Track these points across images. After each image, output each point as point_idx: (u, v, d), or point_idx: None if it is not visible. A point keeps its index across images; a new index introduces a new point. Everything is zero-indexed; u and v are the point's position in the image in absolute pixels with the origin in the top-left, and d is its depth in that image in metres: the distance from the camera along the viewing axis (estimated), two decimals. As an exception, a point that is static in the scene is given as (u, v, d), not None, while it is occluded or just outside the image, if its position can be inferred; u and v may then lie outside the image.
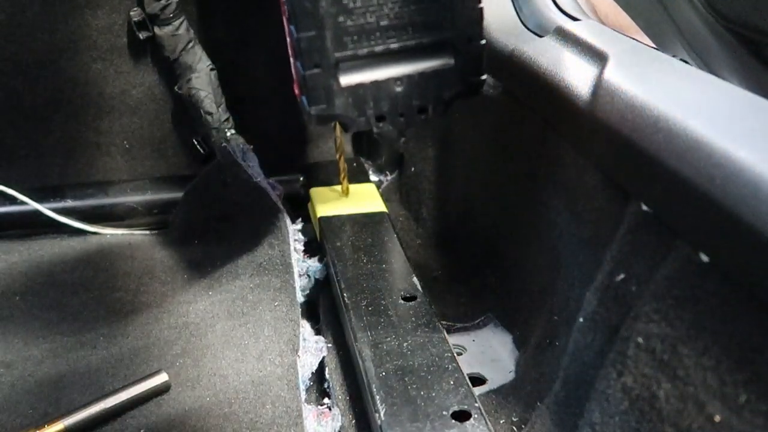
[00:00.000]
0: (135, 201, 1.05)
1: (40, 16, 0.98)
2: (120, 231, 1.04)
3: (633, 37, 0.69)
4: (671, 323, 0.48)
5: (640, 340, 0.50)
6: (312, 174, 1.08)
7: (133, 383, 0.72)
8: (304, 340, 0.78)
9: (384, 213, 0.93)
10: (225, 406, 0.70)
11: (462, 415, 0.59)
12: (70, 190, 1.05)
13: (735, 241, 0.43)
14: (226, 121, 1.02)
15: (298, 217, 0.96)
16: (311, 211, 0.98)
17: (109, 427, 0.69)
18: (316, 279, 0.89)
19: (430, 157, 1.02)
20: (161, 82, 1.04)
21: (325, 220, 0.91)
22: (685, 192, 0.47)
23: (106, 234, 1.03)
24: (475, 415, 0.59)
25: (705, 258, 0.46)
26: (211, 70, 1.01)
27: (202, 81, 1.00)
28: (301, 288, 0.86)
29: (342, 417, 0.69)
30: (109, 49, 1.01)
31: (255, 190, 0.95)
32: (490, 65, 0.74)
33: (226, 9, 1.03)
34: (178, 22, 0.98)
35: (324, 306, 0.85)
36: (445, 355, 0.66)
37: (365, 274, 0.79)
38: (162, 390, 0.72)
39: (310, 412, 0.69)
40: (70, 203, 1.04)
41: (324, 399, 0.73)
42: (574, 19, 0.76)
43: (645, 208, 0.53)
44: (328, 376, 0.74)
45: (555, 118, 0.69)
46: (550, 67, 0.68)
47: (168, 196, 1.06)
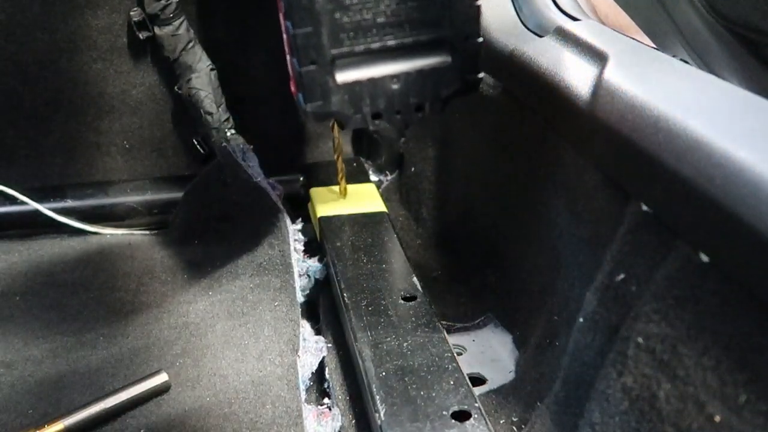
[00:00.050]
0: (135, 201, 1.05)
1: (40, 16, 0.98)
2: (120, 231, 1.04)
3: (633, 37, 0.69)
4: (671, 323, 0.48)
5: (640, 340, 0.50)
6: (312, 174, 1.08)
7: (133, 383, 0.72)
8: (304, 340, 0.78)
9: (384, 213, 0.93)
10: (225, 406, 0.70)
11: (462, 415, 0.59)
12: (70, 190, 1.05)
13: (735, 241, 0.43)
14: (226, 121, 1.02)
15: (298, 217, 0.96)
16: (311, 211, 0.98)
17: (109, 427, 0.69)
18: (316, 279, 0.89)
19: (430, 157, 1.02)
20: (161, 82, 1.04)
21: (325, 220, 0.91)
22: (685, 192, 0.47)
23: (106, 234, 1.03)
24: (475, 415, 0.59)
25: (705, 258, 0.46)
26: (211, 70, 1.01)
27: (202, 81, 1.00)
28: (301, 288, 0.86)
29: (342, 417, 0.69)
30: (109, 49, 1.01)
31: (255, 190, 0.95)
32: (490, 65, 0.75)
33: (226, 9, 1.03)
34: (178, 22, 0.98)
35: (324, 306, 0.85)
36: (445, 355, 0.66)
37: (365, 274, 0.79)
38: (162, 390, 0.72)
39: (310, 412, 0.69)
40: (70, 203, 1.04)
41: (324, 399, 0.73)
42: (574, 19, 0.76)
43: (645, 208, 0.53)
44: (328, 376, 0.74)
45: (555, 118, 0.69)
46: (550, 67, 0.68)
47: (168, 196, 1.06)
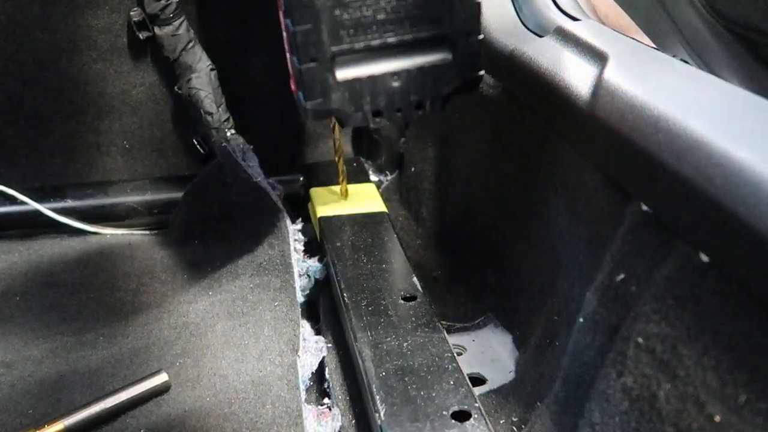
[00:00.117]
0: (135, 201, 1.05)
1: (40, 16, 0.98)
2: (120, 231, 1.04)
3: (633, 37, 0.69)
4: (671, 323, 0.48)
5: (640, 340, 0.50)
6: (312, 174, 1.08)
7: (133, 383, 0.72)
8: (304, 340, 0.78)
9: (384, 213, 0.93)
10: (225, 406, 0.70)
11: (462, 415, 0.59)
12: (70, 190, 1.05)
13: (735, 241, 0.43)
14: (226, 121, 1.02)
15: (298, 217, 0.96)
16: (311, 211, 0.98)
17: (109, 427, 0.69)
18: (316, 279, 0.89)
19: (430, 157, 1.02)
20: (161, 82, 1.04)
21: (325, 220, 0.91)
22: (685, 192, 0.47)
23: (106, 234, 1.03)
24: (475, 415, 0.59)
25: (705, 258, 0.46)
26: (211, 70, 1.01)
27: (202, 81, 1.00)
28: (301, 288, 0.86)
29: (342, 417, 0.69)
30: (109, 49, 1.01)
31: (255, 190, 0.95)
32: (490, 65, 0.74)
33: (226, 9, 1.03)
34: (178, 22, 0.98)
35: (324, 306, 0.85)
36: (445, 355, 0.66)
37: (365, 274, 0.79)
38: (162, 390, 0.72)
39: (310, 412, 0.69)
40: (70, 203, 1.04)
41: (324, 399, 0.73)
42: (574, 19, 0.76)
43: (645, 208, 0.53)
44: (328, 376, 0.74)
45: (555, 118, 0.69)
46: (550, 67, 0.68)
47: (168, 196, 1.06)
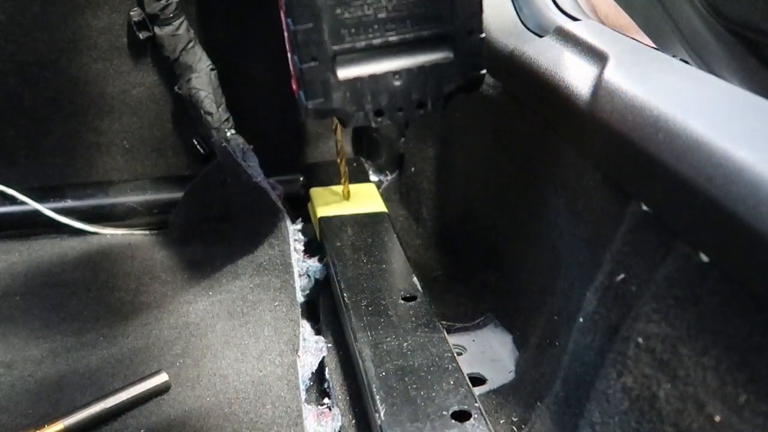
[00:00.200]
0: (135, 201, 1.05)
1: (40, 16, 0.98)
2: (120, 231, 1.04)
3: (633, 37, 0.69)
4: (671, 323, 0.48)
5: (640, 340, 0.50)
6: (312, 174, 1.08)
7: (133, 383, 0.72)
8: (304, 340, 0.77)
9: (384, 213, 0.93)
10: (225, 406, 0.70)
11: (462, 415, 0.59)
12: (70, 190, 1.05)
13: (735, 241, 0.43)
14: (226, 121, 1.02)
15: (298, 217, 0.96)
16: (311, 211, 0.97)
17: (109, 427, 0.69)
18: (316, 279, 0.89)
19: (430, 157, 1.02)
20: (161, 82, 1.04)
21: (325, 220, 0.91)
22: (685, 192, 0.47)
23: (106, 234, 1.03)
24: (475, 415, 0.59)
25: (705, 258, 0.46)
26: (211, 70, 1.01)
27: (202, 81, 1.00)
28: (301, 288, 0.86)
29: (342, 417, 0.69)
30: (109, 49, 1.01)
31: (255, 190, 0.95)
32: (490, 65, 0.74)
33: (226, 9, 1.03)
34: (178, 22, 0.98)
35: (324, 306, 0.85)
36: (445, 355, 0.66)
37: (365, 274, 0.79)
38: (162, 390, 0.72)
39: (310, 412, 0.69)
40: (70, 203, 1.04)
41: (324, 399, 0.73)
42: (574, 19, 0.76)
43: (645, 208, 0.53)
44: (328, 376, 0.74)
45: (555, 118, 0.69)
46: (550, 67, 0.68)
47: (168, 196, 1.06)
